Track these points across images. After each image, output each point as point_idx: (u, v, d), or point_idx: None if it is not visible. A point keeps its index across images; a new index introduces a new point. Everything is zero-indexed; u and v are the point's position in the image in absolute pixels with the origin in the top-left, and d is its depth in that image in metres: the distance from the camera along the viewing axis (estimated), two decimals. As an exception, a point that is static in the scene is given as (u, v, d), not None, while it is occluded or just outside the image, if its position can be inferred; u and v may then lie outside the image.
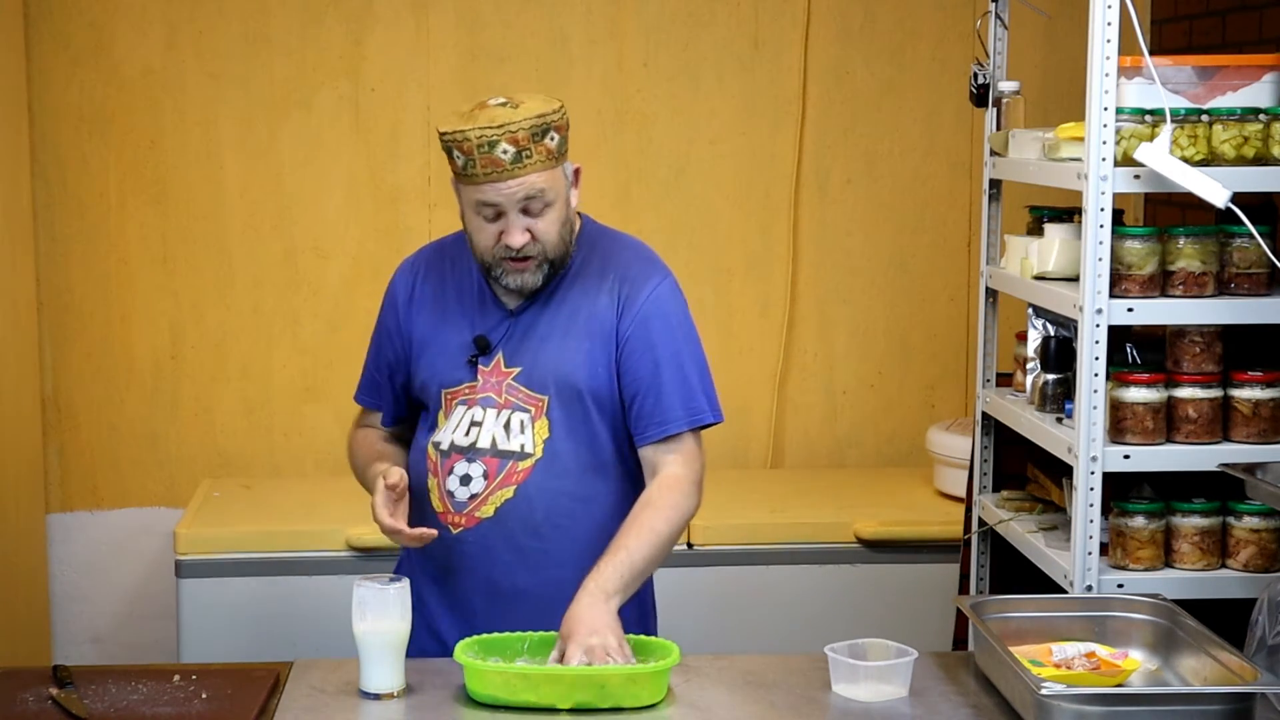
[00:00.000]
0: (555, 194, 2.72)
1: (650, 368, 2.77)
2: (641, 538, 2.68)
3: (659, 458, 2.77)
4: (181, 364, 4.72)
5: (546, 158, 2.69)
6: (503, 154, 2.65)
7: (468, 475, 2.78)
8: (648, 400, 2.77)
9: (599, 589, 2.62)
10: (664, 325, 2.80)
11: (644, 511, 2.72)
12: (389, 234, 4.69)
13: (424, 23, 4.69)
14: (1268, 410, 2.92)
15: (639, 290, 2.79)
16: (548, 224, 2.72)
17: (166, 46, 4.64)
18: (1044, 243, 3.18)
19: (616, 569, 2.64)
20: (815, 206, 4.81)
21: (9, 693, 2.57)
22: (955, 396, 4.86)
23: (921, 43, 4.78)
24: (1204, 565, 2.95)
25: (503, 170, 2.66)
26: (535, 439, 2.76)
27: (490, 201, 2.69)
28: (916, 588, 4.11)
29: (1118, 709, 2.35)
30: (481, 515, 2.77)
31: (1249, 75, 2.98)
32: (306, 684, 2.62)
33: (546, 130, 2.68)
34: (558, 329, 2.78)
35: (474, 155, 2.66)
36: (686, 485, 2.76)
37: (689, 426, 2.78)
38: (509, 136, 2.65)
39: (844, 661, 2.56)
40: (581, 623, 2.57)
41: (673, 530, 2.73)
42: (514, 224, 2.70)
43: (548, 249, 2.73)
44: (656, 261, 2.87)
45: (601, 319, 2.78)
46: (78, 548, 4.73)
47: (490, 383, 2.79)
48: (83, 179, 4.65)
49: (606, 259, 2.83)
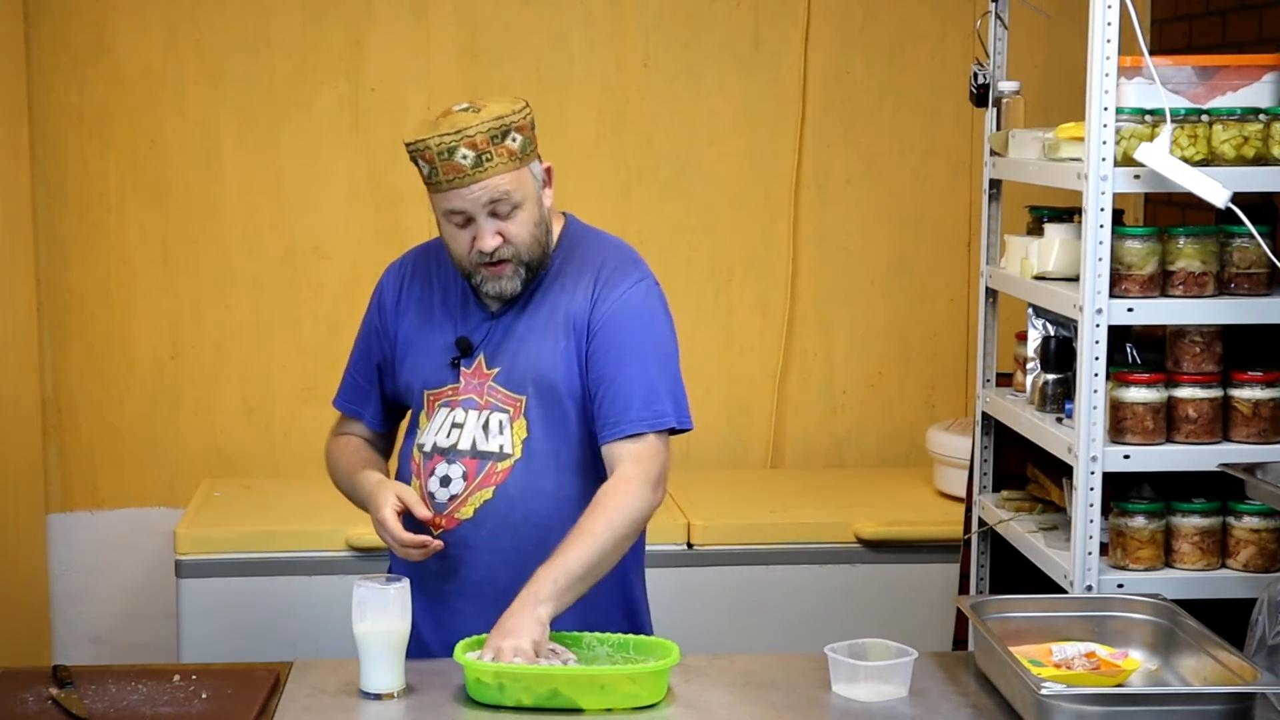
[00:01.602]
0: (522, 195, 2.70)
1: (614, 365, 2.74)
2: (580, 543, 2.64)
3: (615, 457, 2.73)
4: (181, 364, 4.72)
5: (509, 159, 2.68)
6: (462, 159, 2.65)
7: (447, 476, 2.78)
8: (607, 397, 2.73)
9: (530, 595, 2.60)
10: (634, 324, 2.76)
11: (587, 515, 2.68)
12: (389, 234, 4.69)
13: (424, 23, 4.69)
14: (1268, 410, 2.92)
15: (614, 288, 2.77)
16: (518, 226, 2.71)
17: (166, 46, 4.64)
18: (1044, 243, 3.18)
19: (551, 577, 2.61)
20: (815, 206, 4.81)
21: (9, 693, 2.56)
22: (955, 396, 4.86)
23: (921, 43, 4.78)
24: (1204, 565, 2.95)
25: (464, 175, 2.66)
26: (514, 439, 2.76)
27: (457, 209, 2.69)
28: (916, 588, 4.11)
29: (1118, 709, 2.35)
30: (461, 516, 2.77)
31: (1249, 75, 2.98)
32: (306, 684, 2.62)
33: (506, 132, 2.67)
34: (536, 328, 2.78)
35: (435, 163, 2.66)
36: (635, 485, 2.69)
37: (649, 429, 2.72)
38: (467, 141, 2.64)
39: (844, 661, 2.56)
40: (500, 627, 2.58)
41: (615, 532, 2.66)
42: (484, 228, 2.69)
43: (521, 251, 2.72)
44: (638, 262, 2.84)
45: (576, 315, 2.77)
46: (78, 548, 4.73)
47: (472, 384, 2.79)
48: (83, 179, 4.65)
49: (586, 258, 2.81)
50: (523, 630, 2.56)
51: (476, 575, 2.78)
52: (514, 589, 2.71)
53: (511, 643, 2.54)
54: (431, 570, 2.80)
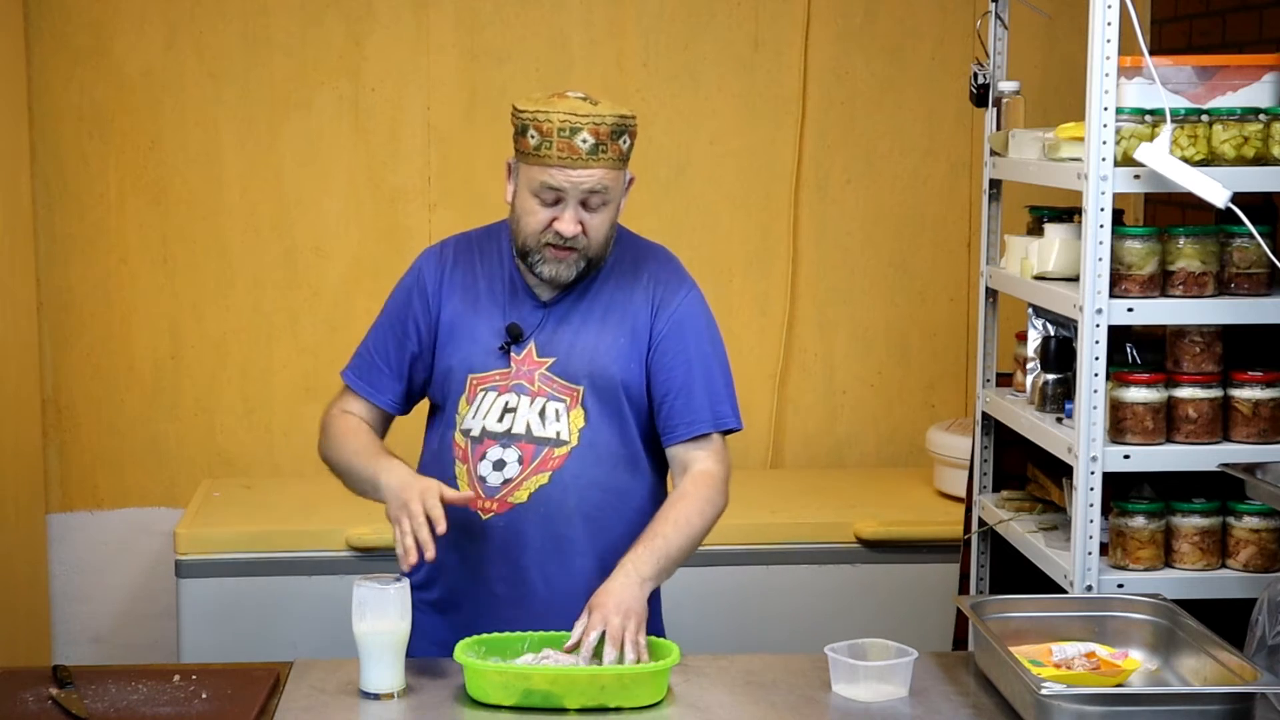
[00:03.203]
0: (614, 195, 2.77)
1: (683, 370, 2.81)
2: (679, 527, 2.71)
3: (690, 455, 2.81)
4: (181, 364, 4.72)
5: (618, 158, 2.75)
6: (582, 142, 2.70)
7: (502, 460, 2.78)
8: (678, 401, 2.81)
9: (635, 570, 2.64)
10: (696, 330, 2.85)
11: (680, 502, 2.75)
12: (389, 234, 4.70)
13: (424, 23, 4.69)
14: (1268, 410, 2.92)
15: (673, 294, 2.85)
16: (600, 221, 2.76)
17: (166, 46, 4.64)
18: (1044, 243, 3.18)
19: (653, 554, 2.67)
20: (815, 206, 4.81)
21: (9, 693, 2.57)
22: (955, 396, 4.86)
23: (921, 43, 4.78)
24: (1204, 565, 2.95)
25: (579, 159, 2.70)
26: (571, 427, 2.78)
27: (556, 185, 2.71)
28: (916, 588, 4.11)
29: (1118, 709, 2.35)
30: (515, 500, 2.77)
31: (1249, 75, 2.98)
32: (306, 684, 2.62)
33: (623, 132, 2.75)
34: (593, 322, 2.81)
35: (552, 137, 2.69)
36: (719, 482, 2.80)
37: (715, 429, 2.82)
38: (592, 127, 2.70)
39: (844, 661, 2.56)
40: (612, 596, 2.60)
41: (705, 524, 2.76)
42: (570, 214, 2.73)
43: (591, 246, 2.76)
44: (685, 271, 2.94)
45: (636, 316, 2.82)
46: (78, 548, 4.73)
47: (522, 371, 2.80)
48: (83, 179, 4.65)
49: (639, 260, 2.88)
50: (632, 608, 2.59)
51: (525, 561, 2.78)
52: (557, 579, 2.73)
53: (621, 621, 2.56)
54: (476, 558, 2.79)
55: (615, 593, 2.60)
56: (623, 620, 2.57)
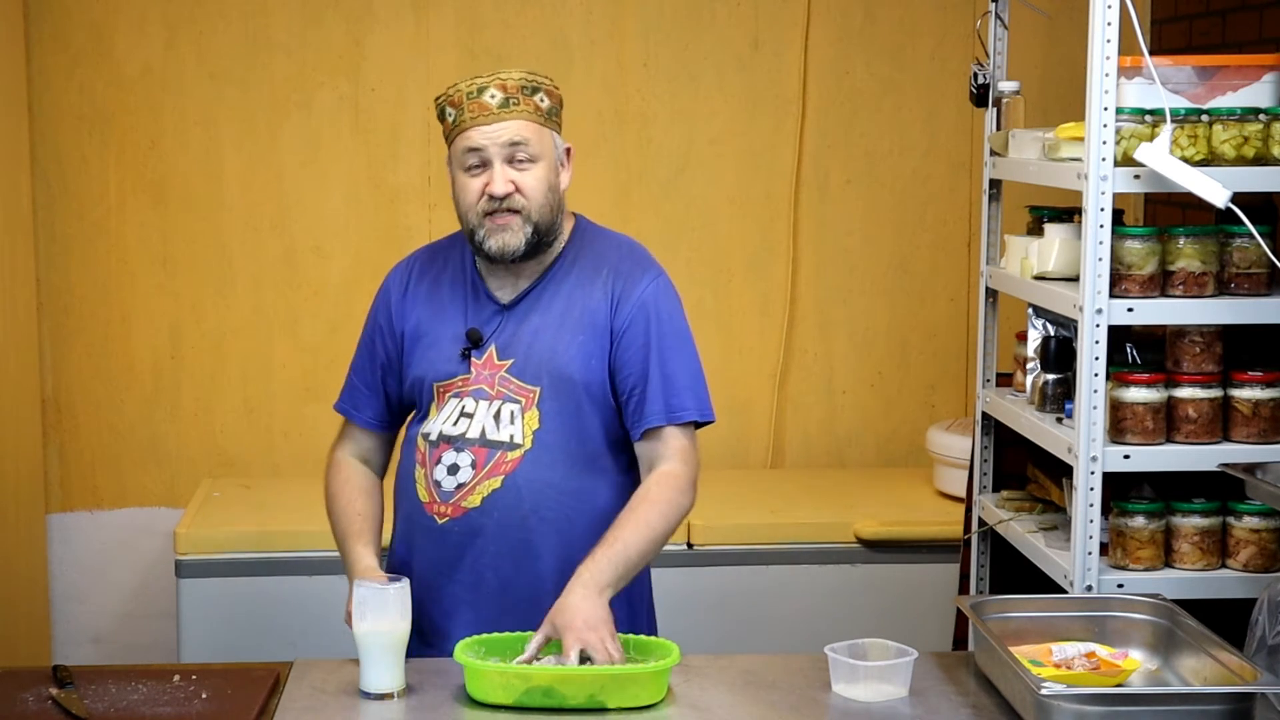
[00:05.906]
0: (541, 151, 2.74)
1: (640, 363, 2.77)
2: (637, 531, 2.67)
3: (654, 453, 2.77)
4: (181, 364, 4.72)
5: (534, 112, 2.74)
6: (490, 98, 2.71)
7: (455, 465, 2.77)
8: (634, 396, 2.77)
9: (593, 580, 2.61)
10: (656, 320, 2.79)
11: (640, 505, 2.71)
12: (389, 234, 4.70)
13: (424, 23, 4.69)
14: (1268, 410, 2.92)
15: (633, 286, 2.80)
16: (533, 180, 2.73)
17: (166, 46, 4.64)
18: (1044, 243, 3.18)
19: (611, 561, 2.64)
20: (815, 206, 4.81)
21: (9, 693, 2.57)
22: (955, 396, 4.86)
23: (921, 43, 4.78)
24: (1204, 565, 2.95)
25: (489, 114, 2.71)
26: (524, 430, 2.76)
27: (475, 145, 2.71)
28: (916, 588, 4.11)
29: (1118, 709, 2.35)
30: (468, 505, 2.76)
31: (1249, 75, 2.98)
32: (306, 684, 2.62)
33: (536, 89, 2.75)
34: (551, 322, 2.78)
35: (462, 104, 2.72)
36: (683, 482, 2.76)
37: (668, 421, 2.76)
38: (498, 83, 2.72)
39: (844, 661, 2.56)
40: (578, 614, 2.57)
41: (667, 526, 2.72)
42: (498, 173, 2.71)
43: (531, 208, 2.73)
44: (650, 259, 2.87)
45: (595, 312, 2.78)
46: (78, 548, 4.73)
47: (483, 375, 2.79)
48: (83, 179, 4.65)
49: (600, 255, 2.83)
50: (598, 620, 2.57)
51: (481, 566, 2.77)
52: (517, 582, 2.72)
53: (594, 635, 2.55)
54: (434, 560, 2.79)
55: (580, 609, 2.58)
56: (595, 634, 2.56)
